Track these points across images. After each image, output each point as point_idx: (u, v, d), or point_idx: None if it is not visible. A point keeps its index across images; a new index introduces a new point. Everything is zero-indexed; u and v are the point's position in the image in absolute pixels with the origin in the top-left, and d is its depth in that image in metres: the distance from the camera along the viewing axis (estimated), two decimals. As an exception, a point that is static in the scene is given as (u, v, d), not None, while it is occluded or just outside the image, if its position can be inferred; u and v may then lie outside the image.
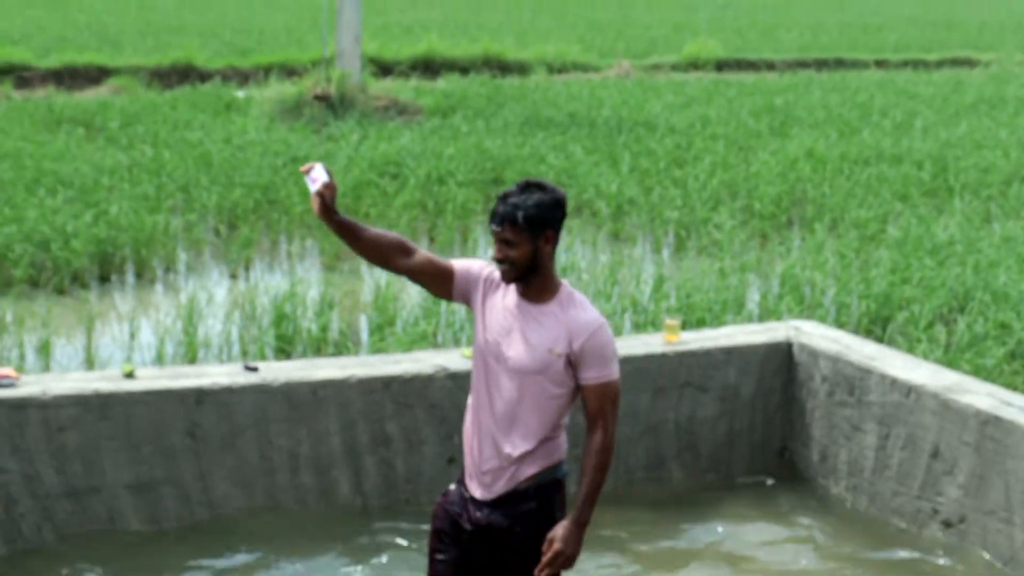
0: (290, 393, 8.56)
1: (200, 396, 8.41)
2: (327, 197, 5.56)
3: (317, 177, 5.60)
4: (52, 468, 8.16)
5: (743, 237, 16.41)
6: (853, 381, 9.30)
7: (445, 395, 8.92)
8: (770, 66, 40.74)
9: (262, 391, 8.50)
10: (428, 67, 35.73)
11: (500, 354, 5.62)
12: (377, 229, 5.77)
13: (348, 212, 17.27)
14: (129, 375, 8.48)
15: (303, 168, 5.65)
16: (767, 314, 12.97)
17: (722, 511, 9.25)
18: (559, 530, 5.52)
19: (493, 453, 5.66)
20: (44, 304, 12.82)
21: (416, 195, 17.88)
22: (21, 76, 31.99)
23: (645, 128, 24.61)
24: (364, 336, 12.73)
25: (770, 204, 17.94)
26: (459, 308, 12.99)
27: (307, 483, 8.70)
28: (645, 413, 9.49)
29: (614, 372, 5.58)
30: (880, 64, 41.85)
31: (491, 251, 5.59)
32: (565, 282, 5.66)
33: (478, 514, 5.73)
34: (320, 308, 12.67)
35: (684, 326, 10.66)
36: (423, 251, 5.78)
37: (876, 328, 12.60)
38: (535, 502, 5.66)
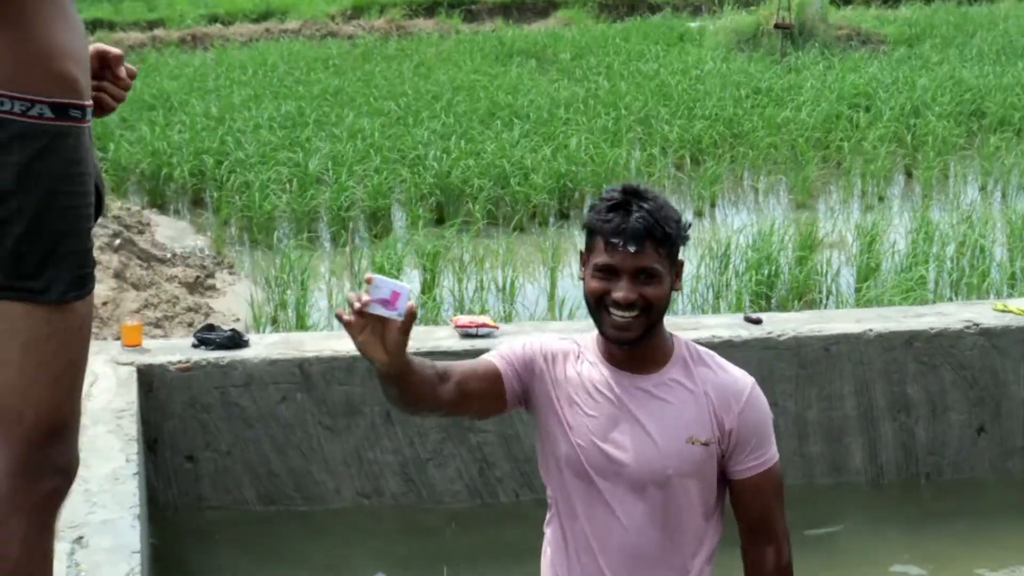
0: (799, 349, 7.47)
1: (698, 351, 7.38)
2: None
3: (400, 292, 3.12)
4: (532, 429, 7.28)
5: None
6: None
7: (976, 355, 7.69)
8: None
9: (767, 346, 7.42)
10: (890, -6, 34.14)
11: (605, 463, 3.47)
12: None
13: (818, 145, 16.13)
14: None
15: (367, 276, 3.19)
16: None
17: None
18: None
19: None
20: (503, 242, 12.08)
21: (891, 128, 16.52)
22: (468, 9, 32.49)
23: None
24: (848, 282, 11.39)
25: None
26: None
27: (815, 451, 7.60)
28: None
29: (776, 450, 3.57)
30: None
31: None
32: (677, 334, 3.59)
33: None
34: (801, 250, 11.45)
35: None
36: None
37: None
38: None
